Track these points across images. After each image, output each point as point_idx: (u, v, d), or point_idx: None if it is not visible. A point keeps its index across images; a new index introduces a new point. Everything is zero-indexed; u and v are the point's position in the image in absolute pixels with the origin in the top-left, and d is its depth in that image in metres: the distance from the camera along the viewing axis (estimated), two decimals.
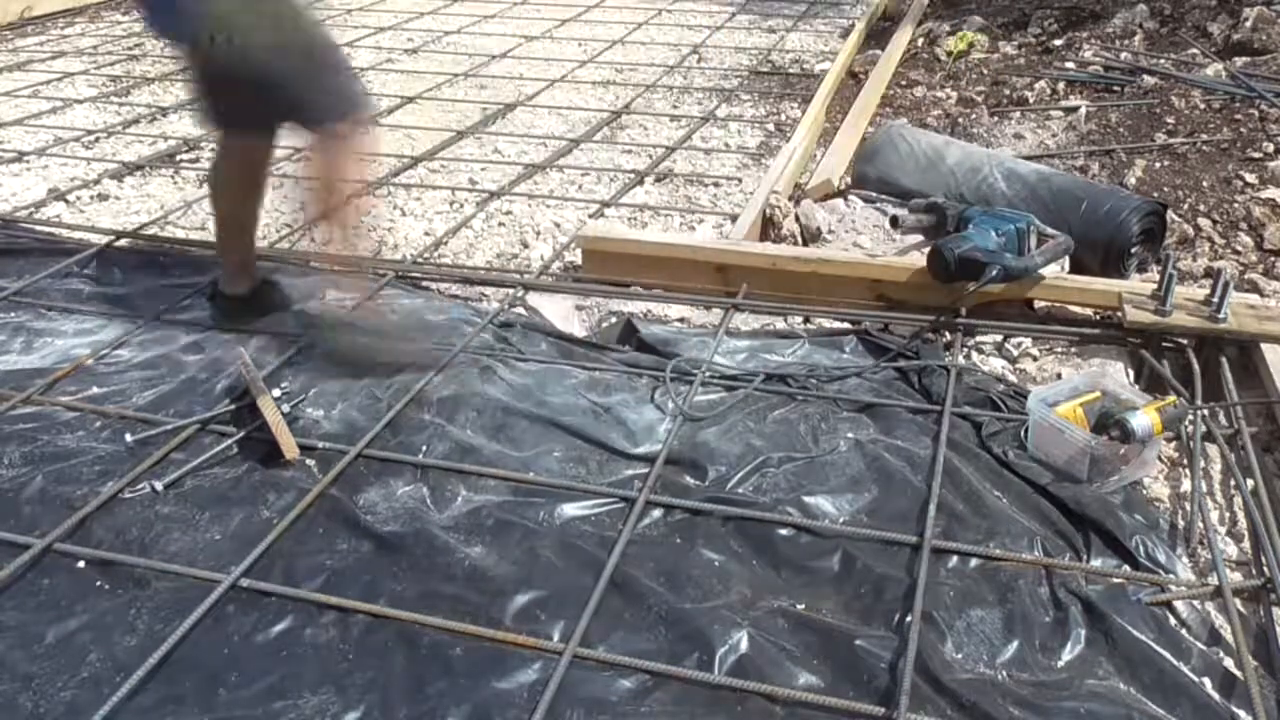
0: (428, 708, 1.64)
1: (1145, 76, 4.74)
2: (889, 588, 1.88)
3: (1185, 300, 2.64)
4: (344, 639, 1.77)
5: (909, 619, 1.78)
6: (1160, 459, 2.26)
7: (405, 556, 1.96)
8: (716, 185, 3.93)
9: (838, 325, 2.88)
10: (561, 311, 2.91)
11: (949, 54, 5.51)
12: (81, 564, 1.94)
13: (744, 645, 1.74)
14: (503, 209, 3.67)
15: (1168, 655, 1.74)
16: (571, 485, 2.16)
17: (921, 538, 1.97)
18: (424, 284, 3.08)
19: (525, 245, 3.38)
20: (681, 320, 2.93)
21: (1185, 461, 2.25)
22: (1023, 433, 2.29)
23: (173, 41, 2.15)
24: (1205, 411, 2.36)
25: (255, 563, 1.92)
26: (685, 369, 2.58)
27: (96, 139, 4.49)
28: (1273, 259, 3.21)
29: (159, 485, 2.12)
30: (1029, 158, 3.94)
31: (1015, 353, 2.71)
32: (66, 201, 3.78)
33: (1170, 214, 3.31)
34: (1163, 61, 4.96)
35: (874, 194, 3.68)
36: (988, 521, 2.04)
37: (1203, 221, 3.42)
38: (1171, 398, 2.26)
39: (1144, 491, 2.17)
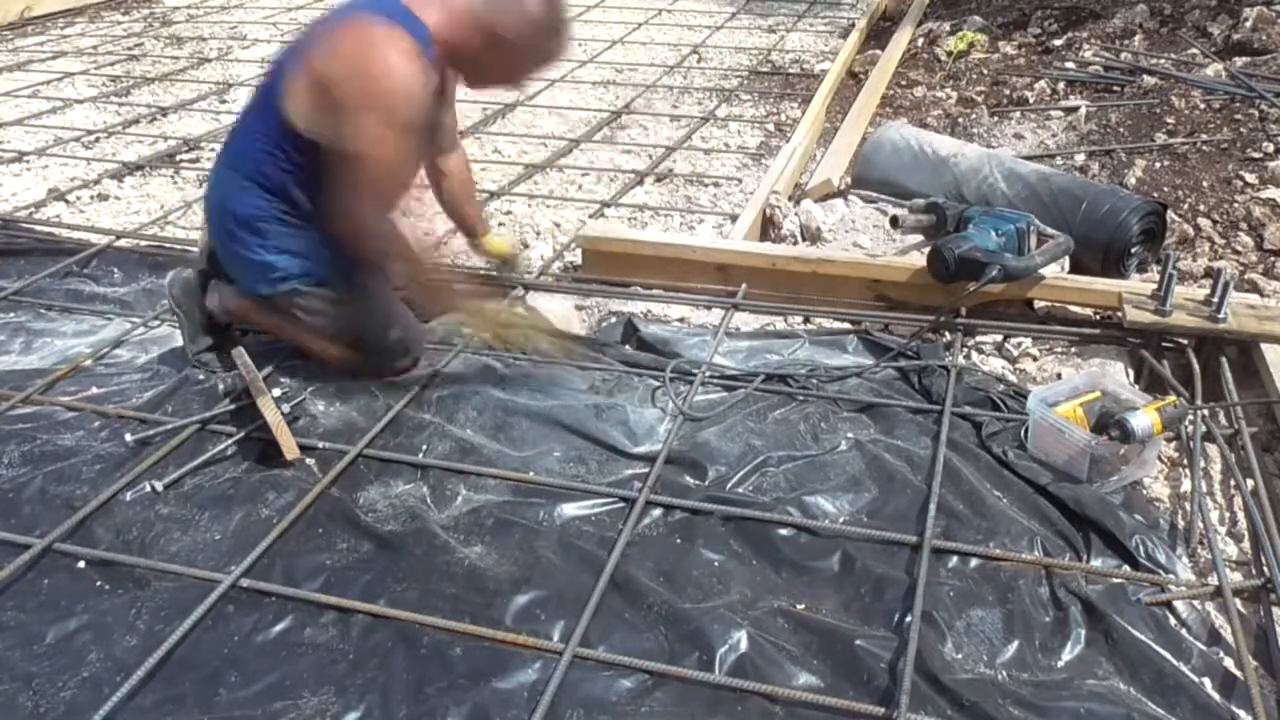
0: (428, 708, 1.64)
1: (1145, 76, 4.74)
2: (889, 588, 1.88)
3: (1185, 300, 2.64)
4: (344, 639, 1.77)
5: (909, 619, 1.78)
6: (1160, 459, 2.26)
7: (405, 556, 1.96)
8: (716, 185, 3.93)
9: (838, 325, 2.88)
10: (562, 311, 2.91)
11: (949, 54, 5.51)
12: (81, 564, 1.94)
13: (744, 645, 1.74)
14: (503, 209, 3.67)
15: (1168, 655, 1.73)
16: (571, 485, 2.16)
17: (921, 538, 1.97)
18: None
19: (525, 245, 3.38)
20: (681, 320, 2.93)
21: (1185, 461, 2.24)
22: (1023, 433, 2.29)
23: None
24: (1205, 411, 2.36)
25: (255, 563, 1.92)
26: (685, 369, 2.58)
27: (96, 139, 4.49)
28: (1273, 259, 3.20)
29: (159, 485, 2.12)
30: (1029, 158, 3.94)
31: (1015, 353, 2.71)
32: (66, 201, 3.78)
33: (1170, 214, 3.31)
34: (1163, 61, 4.96)
35: (874, 194, 3.68)
36: (988, 521, 2.04)
37: (1203, 221, 3.42)
38: (1171, 398, 2.25)
39: (1144, 491, 2.17)
